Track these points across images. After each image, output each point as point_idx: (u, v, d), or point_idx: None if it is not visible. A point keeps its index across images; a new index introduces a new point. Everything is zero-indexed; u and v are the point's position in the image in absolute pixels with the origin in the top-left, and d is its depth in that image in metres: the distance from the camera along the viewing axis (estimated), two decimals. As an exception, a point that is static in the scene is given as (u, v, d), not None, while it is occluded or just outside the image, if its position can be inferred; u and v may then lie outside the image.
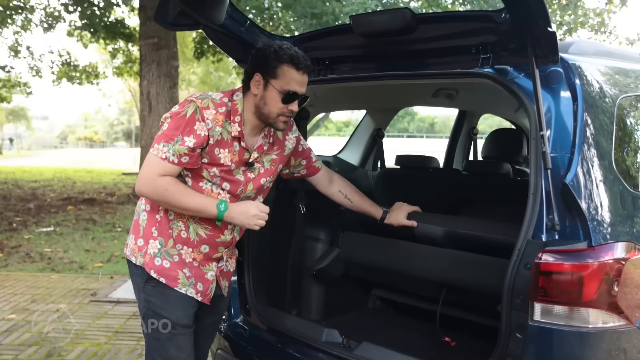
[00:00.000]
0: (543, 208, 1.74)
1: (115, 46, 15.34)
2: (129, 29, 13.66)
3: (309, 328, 2.36)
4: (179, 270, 2.04)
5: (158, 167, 1.92)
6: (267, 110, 1.99)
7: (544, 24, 1.64)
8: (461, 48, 2.08)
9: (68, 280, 5.56)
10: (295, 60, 1.95)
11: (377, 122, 3.58)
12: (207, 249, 2.08)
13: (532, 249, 1.70)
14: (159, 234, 2.05)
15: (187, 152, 1.90)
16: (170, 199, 1.94)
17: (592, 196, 1.76)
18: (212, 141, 1.94)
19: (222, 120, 1.96)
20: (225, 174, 2.01)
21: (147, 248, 2.05)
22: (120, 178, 17.56)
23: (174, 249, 2.04)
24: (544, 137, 1.72)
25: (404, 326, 2.86)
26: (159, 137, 1.94)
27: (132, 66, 16.36)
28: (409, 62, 2.28)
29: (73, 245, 7.19)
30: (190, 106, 1.93)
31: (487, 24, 1.91)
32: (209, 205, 1.96)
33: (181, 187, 1.95)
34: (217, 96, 2.00)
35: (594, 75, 1.98)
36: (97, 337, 4.05)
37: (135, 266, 2.09)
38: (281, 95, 1.96)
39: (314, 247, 2.89)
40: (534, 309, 1.67)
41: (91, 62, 17.03)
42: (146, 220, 2.09)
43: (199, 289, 2.08)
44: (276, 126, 2.03)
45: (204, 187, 2.01)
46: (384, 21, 2.15)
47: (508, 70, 1.96)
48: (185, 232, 2.04)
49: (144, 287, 2.08)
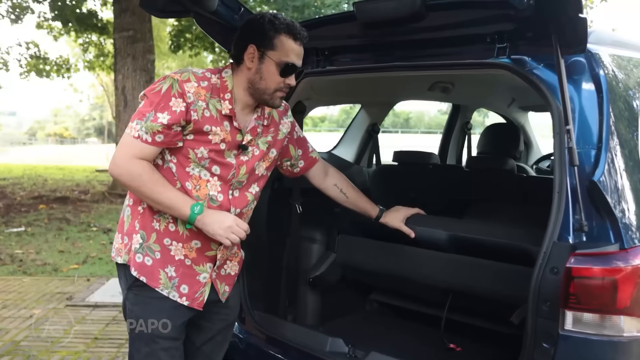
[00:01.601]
0: (569, 208, 1.63)
1: (86, 39, 14.92)
2: (102, 21, 13.28)
3: (312, 337, 2.21)
4: (161, 269, 1.86)
5: (132, 147, 1.77)
6: (263, 85, 1.84)
7: (574, 9, 1.52)
8: (474, 37, 1.96)
9: (41, 284, 5.30)
10: (293, 30, 1.82)
11: (373, 116, 3.45)
12: (198, 244, 1.89)
13: (559, 252, 1.59)
14: (141, 227, 1.88)
15: (162, 130, 1.74)
16: (143, 187, 1.78)
17: (623, 194, 1.65)
18: (195, 116, 1.78)
19: (206, 95, 1.81)
20: (215, 155, 1.84)
21: (131, 244, 1.89)
22: (93, 175, 17.09)
23: (157, 244, 1.87)
24: (570, 131, 1.60)
25: (405, 331, 2.73)
26: (134, 116, 1.80)
27: (105, 60, 15.96)
28: (416, 52, 2.15)
29: (46, 246, 6.90)
30: (165, 81, 1.78)
31: (505, 10, 1.78)
32: (182, 202, 1.79)
33: (157, 177, 1.80)
34: (198, 71, 1.86)
35: (616, 66, 1.87)
36: (75, 345, 3.83)
37: (120, 267, 1.94)
38: (279, 67, 1.82)
39: (310, 249, 2.75)
40: (565, 317, 1.55)
41: (62, 56, 16.55)
42: (130, 215, 1.92)
43: (183, 292, 1.89)
44: (272, 103, 1.89)
45: (191, 172, 1.84)
46: (391, 8, 2.01)
47: (526, 60, 1.84)
48: (173, 224, 1.87)
49: (127, 294, 1.93)
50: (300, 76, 1.93)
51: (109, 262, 6.14)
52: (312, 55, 2.37)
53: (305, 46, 1.97)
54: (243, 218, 1.97)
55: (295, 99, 2.51)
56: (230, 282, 2.04)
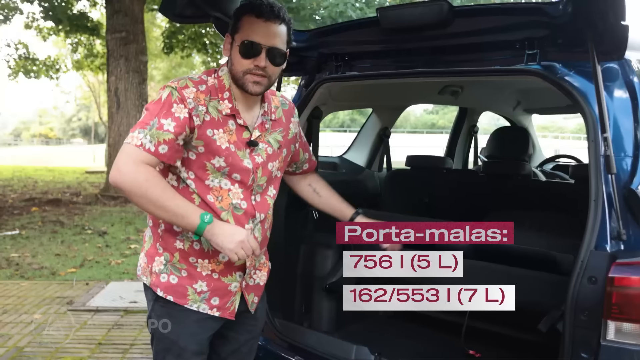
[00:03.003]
0: (606, 216, 1.62)
1: (75, 39, 14.77)
2: (93, 22, 13.14)
3: (337, 345, 2.19)
4: (188, 285, 1.83)
5: (135, 154, 1.66)
6: (234, 70, 1.77)
7: (616, 16, 1.51)
8: (502, 43, 1.94)
9: (40, 288, 5.21)
10: (257, 8, 1.73)
11: (384, 120, 3.43)
12: (226, 257, 1.83)
13: (597, 261, 1.58)
14: (164, 249, 1.84)
15: (168, 140, 1.66)
16: (148, 193, 1.65)
17: (660, 202, 1.64)
18: (198, 122, 1.71)
19: (205, 98, 1.74)
20: (232, 161, 1.78)
21: (152, 266, 1.85)
22: (84, 177, 16.92)
23: (182, 263, 1.83)
24: (608, 139, 1.60)
25: (421, 337, 2.71)
26: (134, 127, 1.70)
27: (94, 60, 15.81)
28: (440, 58, 2.13)
29: (41, 249, 6.79)
30: (165, 91, 1.72)
31: (537, 17, 1.77)
32: (191, 210, 1.69)
33: (164, 183, 1.70)
34: (195, 76, 1.81)
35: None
36: (80, 350, 3.77)
37: (145, 286, 1.90)
38: (242, 48, 1.73)
39: (325, 255, 2.72)
40: (607, 328, 1.54)
41: (50, 56, 16.36)
42: (151, 236, 1.89)
43: (214, 304, 1.85)
44: (246, 87, 1.77)
45: (211, 184, 1.78)
46: (417, 14, 1.99)
47: (557, 67, 1.83)
48: (197, 242, 1.82)
49: (153, 306, 1.88)
50: (281, 59, 1.78)
51: (106, 266, 6.07)
52: (331, 61, 2.34)
53: (325, 52, 1.93)
54: (266, 222, 1.94)
55: (312, 105, 2.48)
56: (258, 293, 1.99)
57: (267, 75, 1.77)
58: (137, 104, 10.12)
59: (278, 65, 1.79)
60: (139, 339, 4.03)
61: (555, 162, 4.58)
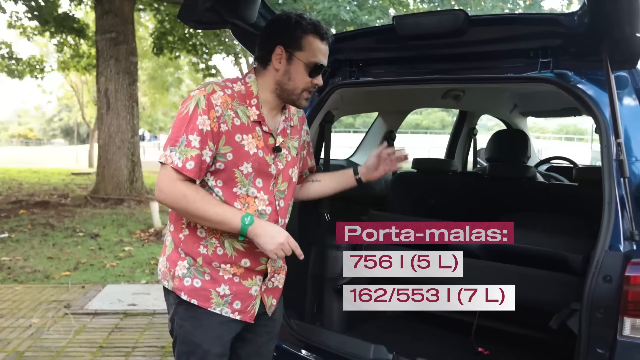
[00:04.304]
0: (619, 217, 1.69)
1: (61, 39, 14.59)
2: (79, 22, 13.01)
3: (354, 345, 2.23)
4: (212, 289, 1.87)
5: (170, 174, 1.75)
6: (292, 85, 1.85)
7: (632, 28, 1.58)
8: (516, 51, 2.01)
9: (35, 292, 5.18)
10: (319, 30, 1.83)
11: (390, 124, 3.49)
12: (247, 263, 1.89)
13: (611, 260, 1.66)
14: (187, 254, 1.88)
15: (195, 156, 1.73)
16: (189, 207, 1.76)
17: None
18: (226, 127, 1.77)
19: (232, 103, 1.80)
20: (259, 166, 1.85)
21: (175, 270, 1.88)
22: (70, 178, 16.72)
23: (206, 267, 1.87)
24: (621, 145, 1.67)
25: (432, 336, 2.77)
26: (165, 144, 1.79)
27: (80, 61, 15.63)
28: (453, 65, 2.19)
29: (33, 252, 6.73)
30: (191, 102, 1.77)
31: (552, 27, 1.85)
32: (231, 215, 1.78)
33: (202, 194, 1.78)
34: (219, 80, 1.87)
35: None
36: (81, 354, 3.77)
37: (167, 290, 1.93)
38: (308, 68, 1.83)
39: (336, 256, 2.77)
40: (623, 324, 1.62)
41: (34, 55, 16.15)
42: (172, 241, 1.92)
43: (236, 308, 1.90)
44: (299, 103, 1.90)
45: (239, 192, 1.84)
46: (434, 22, 2.05)
47: (569, 74, 1.90)
48: (221, 248, 1.87)
49: (176, 309, 1.91)
50: (325, 75, 1.95)
51: (100, 269, 6.04)
52: (345, 67, 2.39)
53: (340, 58, 1.98)
54: (285, 226, 1.99)
55: (325, 109, 2.52)
56: (277, 296, 2.04)
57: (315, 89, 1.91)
58: (127, 105, 10.05)
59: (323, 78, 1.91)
60: (141, 341, 4.03)
61: (549, 163, 4.68)
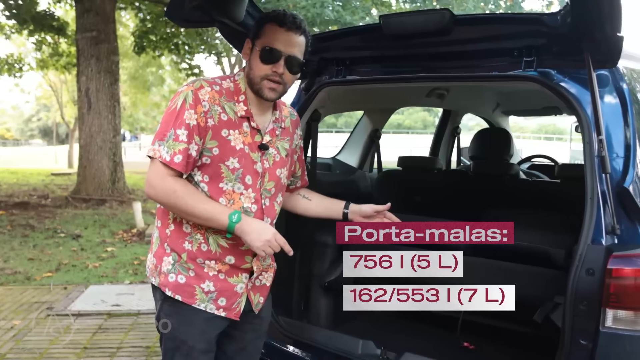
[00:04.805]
0: (601, 212, 1.74)
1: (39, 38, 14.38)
2: (59, 20, 12.84)
3: (343, 341, 2.25)
4: (196, 285, 1.87)
5: (160, 169, 1.77)
6: (252, 74, 1.85)
7: (613, 28, 1.63)
8: (500, 50, 2.05)
9: (16, 293, 5.11)
10: (279, 17, 1.82)
11: (375, 122, 3.52)
12: (232, 260, 1.90)
13: (594, 254, 1.70)
14: (172, 249, 1.88)
15: (182, 150, 1.74)
16: (178, 203, 1.77)
17: (651, 199, 1.78)
18: (212, 122, 1.79)
19: (220, 99, 1.82)
20: (246, 161, 1.85)
21: (161, 266, 1.89)
22: (49, 179, 16.47)
23: (190, 263, 1.87)
24: (603, 141, 1.72)
25: (418, 331, 2.81)
26: (154, 138, 1.80)
27: (59, 59, 15.43)
28: (439, 63, 2.22)
29: (13, 254, 6.63)
30: (179, 97, 1.79)
31: (536, 27, 1.89)
32: (219, 212, 1.79)
33: (191, 190, 1.79)
34: (209, 77, 1.89)
35: (633, 78, 2.01)
36: (65, 355, 3.73)
37: (154, 286, 1.94)
38: (260, 53, 1.82)
39: (324, 253, 2.79)
40: (605, 316, 1.67)
41: (11, 53, 15.89)
42: (158, 237, 1.93)
43: (221, 304, 1.90)
44: (262, 93, 1.85)
45: (225, 187, 1.84)
46: (419, 22, 2.08)
47: (552, 73, 1.95)
48: (205, 244, 1.87)
49: (161, 305, 1.92)
50: (299, 67, 1.87)
51: (83, 270, 5.98)
52: (332, 65, 2.41)
53: (327, 56, 1.99)
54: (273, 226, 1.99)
55: (312, 108, 2.54)
56: (264, 294, 2.05)
57: (282, 82, 1.85)
58: (108, 104, 9.95)
59: (295, 73, 1.86)
60: (126, 342, 4.00)
61: (531, 161, 4.76)
